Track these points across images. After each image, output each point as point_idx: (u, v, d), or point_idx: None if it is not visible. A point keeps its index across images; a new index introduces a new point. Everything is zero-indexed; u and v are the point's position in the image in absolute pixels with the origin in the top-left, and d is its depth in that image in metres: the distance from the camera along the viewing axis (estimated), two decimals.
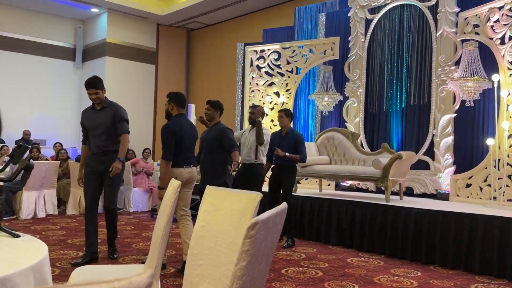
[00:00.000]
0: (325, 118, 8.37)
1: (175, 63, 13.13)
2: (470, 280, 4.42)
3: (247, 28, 11.43)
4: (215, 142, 4.73)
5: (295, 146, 5.70)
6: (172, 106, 4.51)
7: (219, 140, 4.70)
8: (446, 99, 6.67)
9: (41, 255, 1.68)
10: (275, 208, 1.25)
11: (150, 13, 11.88)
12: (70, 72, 12.60)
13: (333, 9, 8.65)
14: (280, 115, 5.94)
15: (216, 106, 4.97)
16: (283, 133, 5.89)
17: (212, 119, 4.95)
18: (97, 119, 4.59)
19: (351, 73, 7.86)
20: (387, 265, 4.97)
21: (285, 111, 5.98)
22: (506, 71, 5.74)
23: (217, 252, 1.91)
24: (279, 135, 5.94)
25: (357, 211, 5.80)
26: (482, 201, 5.85)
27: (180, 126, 4.39)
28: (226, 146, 4.68)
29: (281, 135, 5.92)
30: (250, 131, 5.68)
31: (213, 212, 2.06)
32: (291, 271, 4.52)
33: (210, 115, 4.95)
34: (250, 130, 5.69)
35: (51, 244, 5.39)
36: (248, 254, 1.08)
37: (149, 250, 2.47)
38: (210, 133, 4.86)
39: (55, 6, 11.59)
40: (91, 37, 12.49)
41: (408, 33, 7.30)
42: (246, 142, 5.63)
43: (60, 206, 8.10)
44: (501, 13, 5.81)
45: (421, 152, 6.91)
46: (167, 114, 4.59)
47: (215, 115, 4.94)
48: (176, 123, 4.40)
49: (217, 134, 4.75)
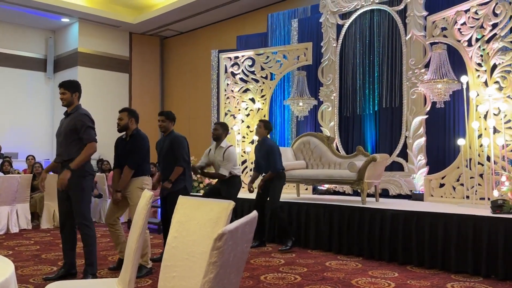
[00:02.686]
0: (301, 123, 8.42)
1: (149, 71, 13.04)
2: (447, 279, 4.49)
3: (221, 35, 11.44)
4: (170, 151, 5.04)
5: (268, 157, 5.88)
6: (132, 121, 4.75)
7: (172, 149, 5.03)
8: (417, 101, 6.79)
9: (7, 273, 1.63)
10: (244, 217, 1.25)
11: (122, 22, 11.78)
12: (42, 83, 12.38)
13: (305, 15, 8.73)
14: (259, 124, 6.11)
15: (170, 117, 5.25)
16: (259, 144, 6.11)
17: (167, 130, 5.23)
18: (61, 126, 4.37)
19: (324, 78, 7.93)
20: (365, 267, 5.01)
21: (263, 122, 6.16)
22: (474, 72, 5.87)
23: (191, 264, 1.89)
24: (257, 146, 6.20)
25: (334, 214, 5.84)
26: (456, 200, 5.96)
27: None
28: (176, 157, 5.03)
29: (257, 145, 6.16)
30: (216, 149, 5.74)
31: (186, 222, 2.04)
32: (270, 278, 4.51)
33: (165, 127, 5.22)
34: (216, 148, 5.76)
35: (24, 259, 5.27)
36: (216, 266, 1.07)
37: (123, 263, 2.44)
38: (166, 143, 5.15)
39: (24, 17, 11.40)
40: (62, 47, 12.31)
41: (378, 37, 7.41)
42: (215, 161, 5.74)
43: (34, 220, 7.93)
44: (467, 16, 5.95)
45: (395, 154, 7.00)
46: (123, 127, 4.76)
47: (169, 126, 5.22)
48: None
49: (171, 144, 5.07)
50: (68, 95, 4.33)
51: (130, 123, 4.73)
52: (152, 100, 13.00)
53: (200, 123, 11.48)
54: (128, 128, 4.75)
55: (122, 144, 4.83)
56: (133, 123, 4.75)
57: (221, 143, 5.69)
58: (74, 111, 4.33)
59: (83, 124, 4.22)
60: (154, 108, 12.94)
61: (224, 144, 5.69)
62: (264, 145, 5.96)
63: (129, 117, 4.74)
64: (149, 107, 12.88)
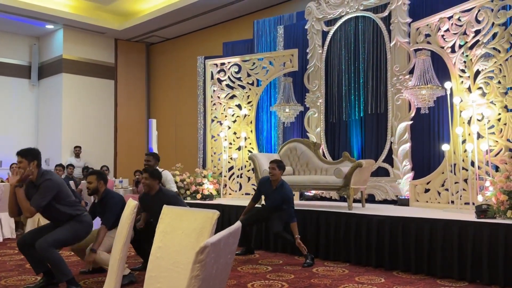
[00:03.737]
0: (287, 129, 8.43)
1: (135, 77, 12.97)
2: (432, 284, 4.51)
3: (207, 41, 11.43)
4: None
5: (282, 203, 5.55)
6: (101, 183, 4.71)
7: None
8: (402, 107, 6.84)
9: None
10: (227, 229, 1.24)
11: (107, 28, 11.70)
12: (26, 90, 12.24)
13: (291, 22, 8.77)
14: (272, 166, 5.65)
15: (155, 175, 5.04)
16: (273, 186, 5.70)
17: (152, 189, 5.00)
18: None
19: (310, 84, 7.96)
20: (352, 273, 5.01)
21: (277, 163, 5.70)
22: (458, 78, 5.94)
23: (175, 274, 1.88)
24: (268, 185, 5.75)
25: (321, 220, 5.85)
26: (441, 205, 6.00)
27: None
28: None
29: (270, 186, 5.73)
30: None
31: (171, 232, 2.03)
32: (257, 285, 4.49)
33: (149, 185, 4.98)
34: None
35: (8, 269, 5.18)
36: (198, 279, 1.06)
37: (107, 273, 2.42)
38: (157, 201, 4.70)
39: (8, 23, 11.27)
40: (47, 53, 12.19)
41: (363, 44, 7.47)
42: None
43: (18, 229, 7.81)
44: (450, 23, 6.03)
45: (381, 159, 7.05)
46: (93, 191, 4.71)
47: (154, 185, 5.00)
48: None
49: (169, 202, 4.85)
50: (25, 164, 4.10)
51: (99, 186, 4.71)
52: (138, 106, 12.93)
53: (187, 130, 11.44)
54: (98, 191, 4.73)
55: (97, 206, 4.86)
56: (102, 185, 4.73)
57: None
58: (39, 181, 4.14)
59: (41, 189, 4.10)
60: (139, 115, 12.88)
61: None
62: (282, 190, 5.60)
63: (97, 180, 4.71)
64: (134, 114, 12.81)
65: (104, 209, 4.66)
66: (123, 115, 12.59)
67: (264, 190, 5.85)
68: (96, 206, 4.87)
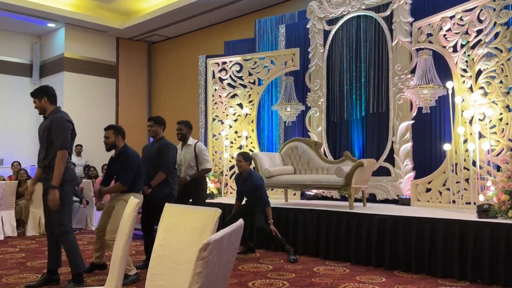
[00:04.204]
0: (289, 128, 8.43)
1: (137, 76, 12.98)
2: (433, 284, 4.51)
3: (208, 40, 11.43)
4: (157, 156, 5.02)
5: (256, 192, 5.74)
6: (118, 138, 4.73)
7: (159, 155, 5.00)
8: (404, 106, 6.84)
9: None
10: (230, 227, 1.24)
11: (109, 27, 11.71)
12: (27, 89, 12.18)
13: (293, 21, 8.77)
14: (238, 159, 5.93)
15: (159, 122, 5.25)
16: (242, 176, 5.94)
17: (157, 134, 5.22)
18: (40, 129, 4.32)
19: (312, 83, 7.96)
20: (353, 272, 5.02)
21: (243, 155, 5.97)
22: (460, 78, 5.93)
23: (177, 272, 1.88)
24: (240, 179, 6.03)
25: (322, 219, 5.85)
26: (442, 205, 6.00)
27: None
28: (161, 163, 5.01)
29: (241, 178, 5.98)
30: (183, 148, 5.73)
31: (173, 230, 2.03)
32: (258, 284, 4.50)
33: (154, 131, 5.20)
34: (183, 147, 5.74)
35: (9, 267, 5.19)
36: (201, 276, 1.07)
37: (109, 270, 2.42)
38: (154, 147, 5.13)
39: (10, 22, 11.28)
40: (48, 52, 12.20)
41: (365, 43, 7.46)
42: (184, 160, 5.68)
43: (19, 227, 7.82)
44: (452, 22, 6.02)
45: (382, 158, 7.04)
46: (111, 146, 4.73)
47: (159, 131, 5.22)
48: None
49: (159, 149, 5.05)
50: (38, 103, 4.28)
51: (117, 141, 4.70)
52: (139, 105, 12.94)
53: None
54: (116, 146, 4.73)
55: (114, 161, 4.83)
56: (120, 141, 4.72)
57: (187, 141, 5.74)
58: (48, 115, 4.28)
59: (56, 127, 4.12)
60: (141, 114, 12.89)
61: (191, 141, 5.74)
62: (251, 178, 5.82)
63: (115, 134, 4.71)
64: (136, 113, 12.81)
65: (120, 167, 4.61)
66: (124, 114, 12.59)
67: (238, 185, 6.08)
68: (113, 161, 4.79)
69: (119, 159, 4.72)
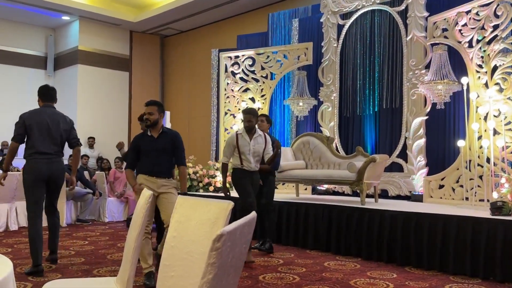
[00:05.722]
0: (301, 123, 8.41)
1: (150, 69, 13.03)
2: (445, 281, 4.49)
3: (221, 34, 11.43)
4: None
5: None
6: (161, 116, 4.41)
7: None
8: (418, 102, 6.78)
9: (5, 272, 1.63)
10: (243, 218, 1.25)
11: (122, 20, 11.76)
12: (42, 81, 12.32)
13: (306, 15, 8.73)
14: (261, 119, 5.73)
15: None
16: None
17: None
18: None
19: (324, 78, 7.92)
20: (364, 267, 5.00)
21: (266, 117, 5.92)
22: (475, 73, 5.87)
23: (190, 263, 1.89)
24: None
25: (333, 215, 5.84)
26: (455, 201, 5.95)
27: None
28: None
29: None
30: (254, 139, 5.21)
31: (185, 222, 2.04)
32: (269, 277, 4.51)
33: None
34: (254, 137, 5.21)
35: (23, 257, 5.27)
36: (214, 266, 1.07)
37: (121, 262, 2.44)
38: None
39: (25, 14, 11.38)
40: (63, 45, 12.29)
41: (379, 38, 7.40)
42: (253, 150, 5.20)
43: None
44: (468, 17, 5.94)
45: (395, 154, 7.00)
46: (153, 123, 4.32)
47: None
48: None
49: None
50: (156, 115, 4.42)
51: (160, 119, 4.37)
52: (152, 98, 12.95)
53: (200, 122, 11.48)
54: (157, 124, 4.35)
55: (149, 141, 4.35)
56: (161, 119, 4.41)
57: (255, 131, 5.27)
58: None
59: None
60: None
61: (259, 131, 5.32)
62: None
63: (159, 112, 4.35)
64: None
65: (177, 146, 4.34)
66: (137, 107, 12.64)
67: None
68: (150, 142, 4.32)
69: (161, 138, 4.34)
